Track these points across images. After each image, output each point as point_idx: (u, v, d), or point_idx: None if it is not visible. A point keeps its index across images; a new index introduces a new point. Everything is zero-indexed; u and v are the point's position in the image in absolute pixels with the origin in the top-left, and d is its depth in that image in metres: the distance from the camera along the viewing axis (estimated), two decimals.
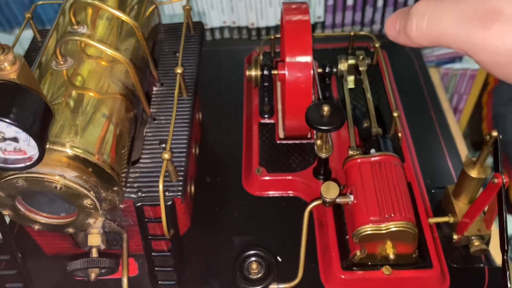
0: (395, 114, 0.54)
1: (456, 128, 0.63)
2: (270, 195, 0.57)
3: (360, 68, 0.60)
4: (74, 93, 0.42)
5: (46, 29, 0.57)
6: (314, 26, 0.94)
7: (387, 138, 0.52)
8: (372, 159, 0.48)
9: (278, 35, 0.65)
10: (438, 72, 1.01)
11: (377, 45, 0.64)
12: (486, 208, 0.46)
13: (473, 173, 0.47)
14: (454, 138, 0.61)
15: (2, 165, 0.36)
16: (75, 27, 0.46)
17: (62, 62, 0.43)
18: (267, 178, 0.56)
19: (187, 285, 0.49)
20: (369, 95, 0.57)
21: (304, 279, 0.46)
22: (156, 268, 0.46)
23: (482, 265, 0.49)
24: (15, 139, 0.34)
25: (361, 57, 0.60)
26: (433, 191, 0.55)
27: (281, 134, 0.60)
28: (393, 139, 0.54)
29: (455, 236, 0.49)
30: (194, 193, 0.56)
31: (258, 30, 0.96)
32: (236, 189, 0.57)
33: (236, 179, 0.58)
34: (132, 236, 0.48)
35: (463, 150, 0.60)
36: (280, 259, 0.50)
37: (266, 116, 0.61)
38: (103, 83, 0.44)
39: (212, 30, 0.95)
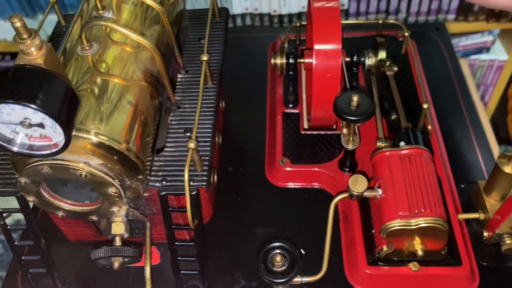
0: (425, 106, 0.52)
1: (487, 121, 0.61)
2: (294, 187, 0.56)
3: (387, 67, 0.58)
4: (99, 79, 0.41)
5: (69, 14, 0.57)
6: None
7: (417, 131, 0.50)
8: (402, 152, 0.46)
9: (303, 22, 0.63)
10: (467, 63, 0.98)
11: (406, 34, 0.62)
12: None
13: (508, 169, 0.45)
14: (485, 131, 0.59)
15: (28, 151, 0.36)
16: (101, 11, 0.45)
17: (87, 48, 0.42)
18: (291, 169, 0.55)
19: (209, 276, 0.49)
20: (397, 87, 0.55)
21: (328, 273, 0.45)
22: (179, 258, 0.46)
23: None
24: (41, 125, 0.34)
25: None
26: (462, 186, 0.53)
27: (305, 124, 0.58)
28: (422, 132, 0.52)
29: (485, 234, 0.48)
30: (216, 183, 0.56)
31: (280, 17, 0.95)
32: (259, 180, 0.56)
33: (259, 170, 0.57)
34: (154, 225, 0.47)
35: (494, 144, 0.58)
36: (303, 252, 0.49)
37: (290, 105, 0.60)
38: (128, 70, 0.43)
39: (233, 16, 0.94)
